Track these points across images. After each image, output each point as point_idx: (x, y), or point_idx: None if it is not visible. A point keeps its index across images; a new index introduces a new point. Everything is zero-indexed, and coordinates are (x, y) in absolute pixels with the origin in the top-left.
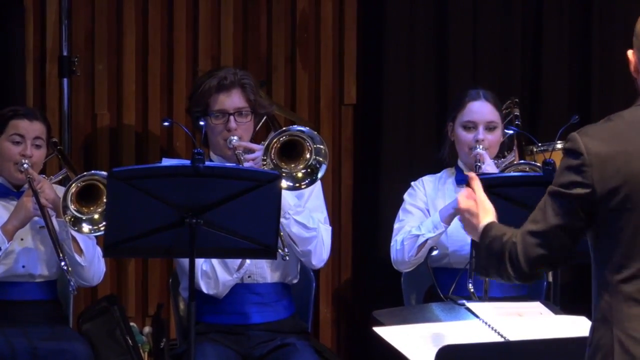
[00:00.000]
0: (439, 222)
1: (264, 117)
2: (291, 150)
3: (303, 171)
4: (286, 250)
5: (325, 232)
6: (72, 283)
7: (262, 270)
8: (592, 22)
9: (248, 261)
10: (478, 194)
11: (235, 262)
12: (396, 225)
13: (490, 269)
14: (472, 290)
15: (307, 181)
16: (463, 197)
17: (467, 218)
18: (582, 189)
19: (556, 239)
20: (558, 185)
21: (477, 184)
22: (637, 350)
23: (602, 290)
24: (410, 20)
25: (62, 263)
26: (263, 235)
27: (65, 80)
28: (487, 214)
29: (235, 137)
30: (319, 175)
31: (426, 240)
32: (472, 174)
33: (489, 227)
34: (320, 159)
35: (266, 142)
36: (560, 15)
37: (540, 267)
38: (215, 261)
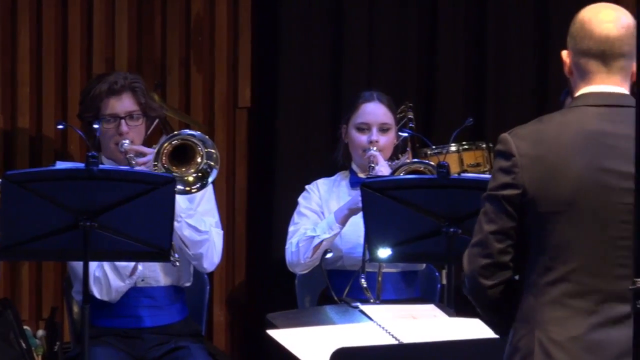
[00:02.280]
0: (334, 224)
1: (156, 120)
2: (182, 154)
3: (194, 175)
4: (177, 255)
5: (216, 236)
6: None
7: (156, 274)
8: (486, 26)
9: (140, 267)
10: None
11: (127, 268)
12: (291, 228)
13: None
14: (364, 285)
15: (198, 185)
16: None
17: None
18: (512, 190)
19: (492, 245)
20: (491, 189)
21: None
22: (557, 354)
23: (526, 292)
24: (305, 23)
25: None
26: (157, 238)
27: None
28: None
29: (127, 141)
30: (210, 179)
31: (321, 242)
32: None
33: None
34: (212, 163)
35: (157, 147)
36: (455, 19)
37: (485, 276)
38: (107, 267)
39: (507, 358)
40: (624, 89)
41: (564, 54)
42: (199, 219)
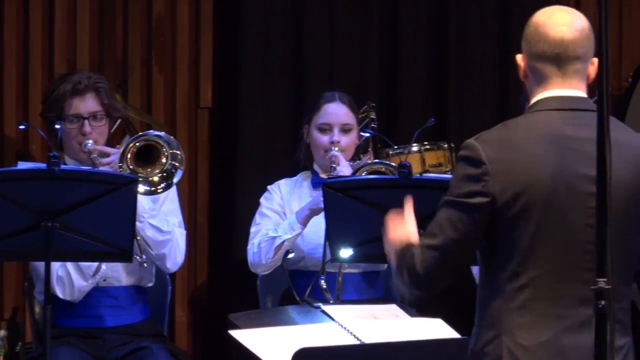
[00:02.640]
0: (296, 224)
1: (119, 120)
2: (147, 155)
3: (159, 175)
4: (144, 256)
5: (180, 236)
6: None
7: (118, 274)
8: (448, 26)
9: (104, 266)
10: (409, 224)
11: (91, 268)
12: (253, 229)
13: (402, 282)
14: (324, 286)
15: (163, 185)
16: (394, 225)
17: (391, 245)
18: (482, 198)
19: (454, 252)
20: (456, 196)
21: (409, 208)
22: (524, 357)
23: (493, 297)
24: (267, 24)
25: None
26: (119, 238)
27: None
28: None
29: (90, 141)
30: (175, 180)
31: (283, 242)
32: (409, 198)
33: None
34: (177, 164)
35: (122, 147)
36: (417, 19)
37: (438, 279)
38: (70, 267)
39: None
40: (582, 92)
41: (519, 57)
42: (162, 219)
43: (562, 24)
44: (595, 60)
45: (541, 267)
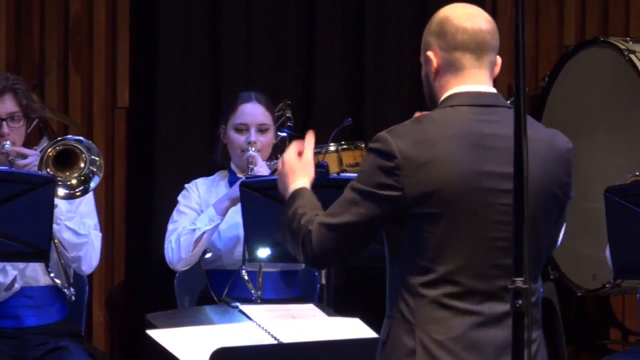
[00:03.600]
0: (215, 215)
1: (35, 121)
2: (66, 159)
3: (77, 179)
4: (72, 290)
5: (95, 239)
6: None
7: (35, 274)
8: (364, 25)
9: (17, 286)
10: (307, 153)
11: (4, 284)
12: (170, 227)
13: (287, 239)
14: (246, 277)
15: (80, 188)
16: (291, 150)
17: (284, 173)
18: (393, 192)
19: (351, 235)
20: (366, 184)
21: (309, 142)
22: (439, 353)
23: (403, 292)
24: (184, 23)
25: None
26: (37, 238)
27: None
28: (304, 177)
29: (8, 142)
30: (92, 185)
31: (203, 234)
32: (311, 132)
33: (297, 192)
34: (95, 170)
35: (42, 152)
36: (333, 18)
37: (330, 259)
38: None
39: (385, 356)
40: (492, 88)
41: (430, 54)
42: (79, 222)
43: (477, 16)
44: (499, 59)
45: (452, 263)
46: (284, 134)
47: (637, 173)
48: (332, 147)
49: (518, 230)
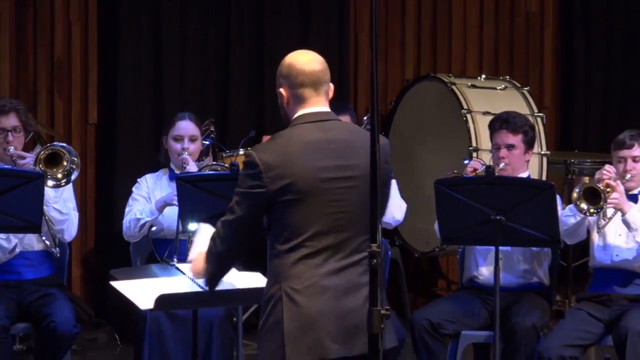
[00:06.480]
0: (155, 210)
1: (31, 133)
2: (53, 159)
3: (61, 173)
4: (58, 249)
5: (74, 217)
6: None
7: (31, 242)
8: (264, 46)
9: (18, 249)
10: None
11: (8, 248)
12: (127, 210)
13: (215, 270)
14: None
15: (65, 180)
16: (192, 254)
17: (192, 262)
18: (259, 189)
19: (241, 225)
20: (244, 188)
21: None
22: (298, 298)
23: (275, 258)
24: (137, 62)
25: None
26: (32, 216)
27: None
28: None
29: (12, 147)
30: (73, 177)
31: (145, 223)
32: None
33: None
34: (74, 167)
35: (35, 153)
36: (242, 50)
37: (235, 252)
38: None
39: (264, 304)
40: (328, 108)
41: (282, 90)
42: (62, 204)
43: (312, 60)
44: (332, 86)
45: (306, 233)
46: (208, 142)
47: (455, 171)
48: (241, 152)
49: (372, 206)
